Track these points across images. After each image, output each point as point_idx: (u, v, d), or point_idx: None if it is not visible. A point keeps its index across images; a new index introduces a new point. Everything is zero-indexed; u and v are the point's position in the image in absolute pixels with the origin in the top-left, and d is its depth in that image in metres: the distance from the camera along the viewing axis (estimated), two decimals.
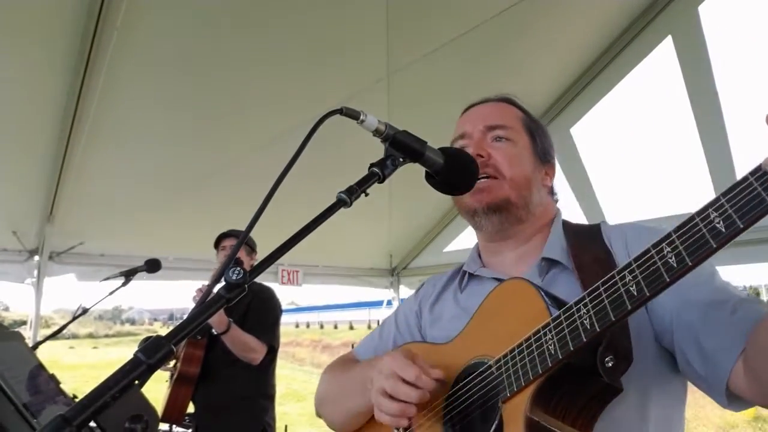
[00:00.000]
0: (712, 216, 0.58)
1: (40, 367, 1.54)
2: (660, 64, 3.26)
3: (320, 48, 2.99)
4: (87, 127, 3.00)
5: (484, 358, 0.88)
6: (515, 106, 1.14)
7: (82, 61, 2.61)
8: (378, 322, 6.40)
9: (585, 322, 0.71)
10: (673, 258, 0.62)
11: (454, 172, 0.89)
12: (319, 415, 1.21)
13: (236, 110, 3.34)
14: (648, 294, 0.64)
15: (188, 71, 2.96)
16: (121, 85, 2.84)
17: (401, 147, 0.84)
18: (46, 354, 2.14)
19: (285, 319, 3.04)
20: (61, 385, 1.59)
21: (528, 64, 3.59)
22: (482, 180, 1.01)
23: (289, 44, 2.91)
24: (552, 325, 0.76)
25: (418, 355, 0.92)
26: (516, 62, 3.54)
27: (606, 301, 0.69)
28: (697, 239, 0.59)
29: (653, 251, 0.65)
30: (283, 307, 3.08)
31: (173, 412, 2.79)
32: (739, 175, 0.57)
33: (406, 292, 5.79)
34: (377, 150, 0.85)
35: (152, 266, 2.57)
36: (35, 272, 3.90)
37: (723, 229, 0.57)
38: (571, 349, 0.72)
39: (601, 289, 0.71)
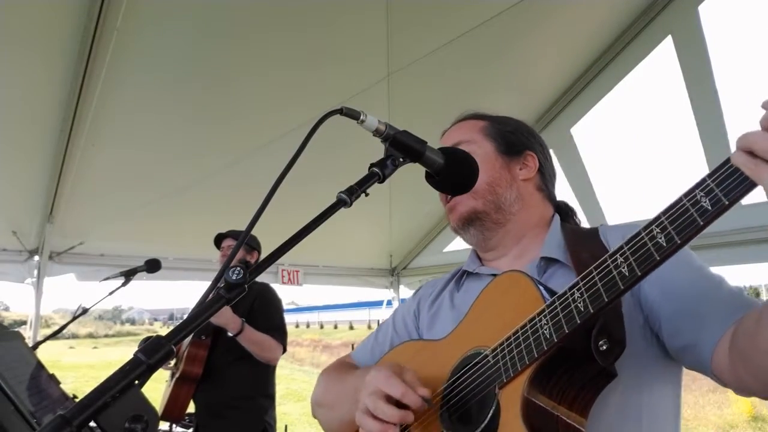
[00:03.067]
0: (698, 196, 0.62)
1: (40, 367, 1.54)
2: (660, 64, 3.25)
3: (320, 48, 2.99)
4: (87, 127, 3.00)
5: (481, 349, 0.89)
6: (476, 118, 1.19)
7: (82, 62, 2.61)
8: (378, 322, 6.42)
9: (579, 305, 0.73)
10: (663, 238, 0.65)
11: (454, 172, 0.89)
12: (315, 416, 1.21)
13: (236, 110, 3.34)
14: (639, 274, 0.67)
15: (188, 72, 2.96)
16: (120, 85, 2.84)
17: (401, 147, 0.83)
18: (46, 354, 2.14)
19: (285, 319, 3.05)
20: (61, 385, 1.59)
21: (528, 64, 3.59)
22: (451, 199, 1.11)
23: (290, 45, 2.91)
24: (547, 310, 0.78)
25: (407, 369, 0.90)
26: (516, 63, 3.54)
27: (599, 284, 0.71)
28: (685, 219, 0.63)
29: (643, 233, 0.67)
30: (284, 307, 3.08)
31: (174, 411, 2.79)
32: None
33: (406, 292, 5.79)
34: (377, 150, 0.85)
35: (152, 266, 2.58)
36: (35, 272, 3.90)
37: (709, 207, 0.60)
38: (566, 331, 0.73)
39: (594, 273, 0.73)
